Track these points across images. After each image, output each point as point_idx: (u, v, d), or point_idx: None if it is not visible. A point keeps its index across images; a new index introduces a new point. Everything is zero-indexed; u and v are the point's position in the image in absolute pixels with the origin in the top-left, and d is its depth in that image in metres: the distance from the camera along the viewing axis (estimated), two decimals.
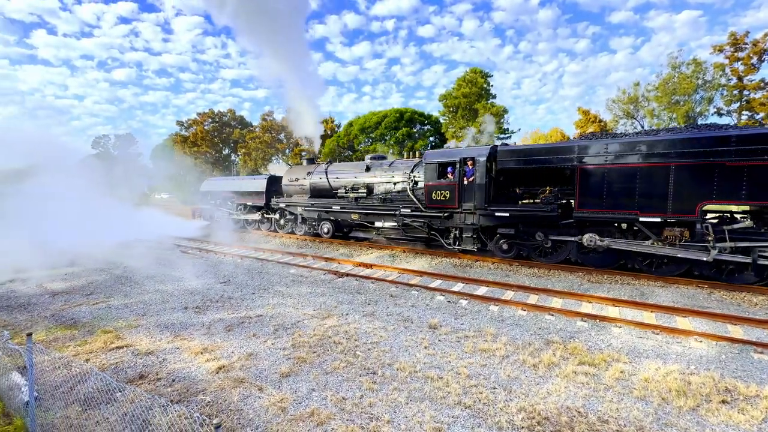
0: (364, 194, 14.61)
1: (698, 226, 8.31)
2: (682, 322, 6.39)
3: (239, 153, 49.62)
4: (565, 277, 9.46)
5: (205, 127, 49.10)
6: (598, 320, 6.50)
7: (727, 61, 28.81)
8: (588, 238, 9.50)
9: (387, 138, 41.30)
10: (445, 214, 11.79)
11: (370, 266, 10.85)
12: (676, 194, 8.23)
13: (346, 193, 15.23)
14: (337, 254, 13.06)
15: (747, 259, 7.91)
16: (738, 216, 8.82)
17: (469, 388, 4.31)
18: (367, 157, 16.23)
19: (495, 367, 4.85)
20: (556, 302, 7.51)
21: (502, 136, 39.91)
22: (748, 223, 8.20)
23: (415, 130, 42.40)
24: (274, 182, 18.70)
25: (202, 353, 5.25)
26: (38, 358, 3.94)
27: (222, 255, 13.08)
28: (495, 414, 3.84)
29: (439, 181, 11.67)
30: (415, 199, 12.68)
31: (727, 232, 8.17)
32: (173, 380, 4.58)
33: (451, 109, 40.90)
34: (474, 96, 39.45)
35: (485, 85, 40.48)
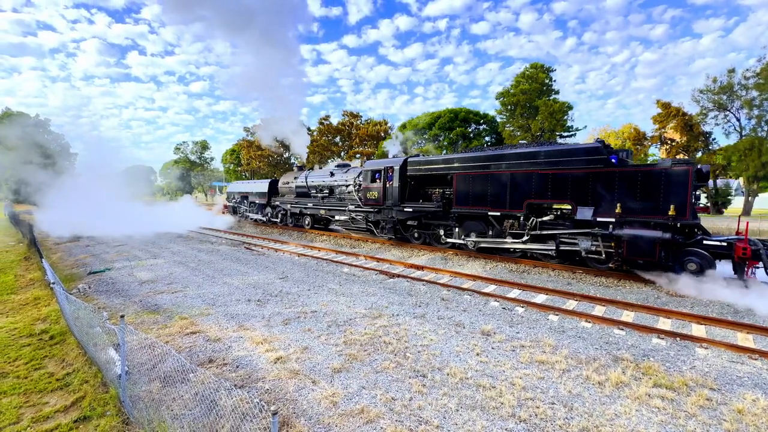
0: (327, 194, 18.51)
1: (521, 218, 10.70)
2: None
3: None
4: (639, 289, 8.56)
5: None
6: (678, 339, 5.78)
7: None
8: (458, 232, 12.62)
9: (441, 138, 40.72)
10: (376, 210, 15.16)
11: (422, 268, 10.78)
12: (511, 194, 10.76)
13: (316, 193, 19.19)
14: (389, 255, 13.18)
15: (552, 246, 10.27)
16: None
17: (525, 401, 4.08)
18: (332, 164, 20.01)
19: (554, 380, 4.53)
20: (627, 315, 6.82)
21: (565, 134, 37.30)
22: (550, 216, 10.46)
23: (469, 130, 41.29)
24: (275, 185, 22.80)
25: (262, 343, 5.61)
26: (128, 338, 4.50)
27: (281, 252, 13.90)
28: (554, 431, 3.58)
29: (371, 185, 14.98)
30: (358, 199, 16.32)
31: (538, 223, 10.49)
32: (237, 366, 4.96)
33: (509, 107, 39.13)
34: (534, 93, 37.36)
35: (547, 81, 38.14)
